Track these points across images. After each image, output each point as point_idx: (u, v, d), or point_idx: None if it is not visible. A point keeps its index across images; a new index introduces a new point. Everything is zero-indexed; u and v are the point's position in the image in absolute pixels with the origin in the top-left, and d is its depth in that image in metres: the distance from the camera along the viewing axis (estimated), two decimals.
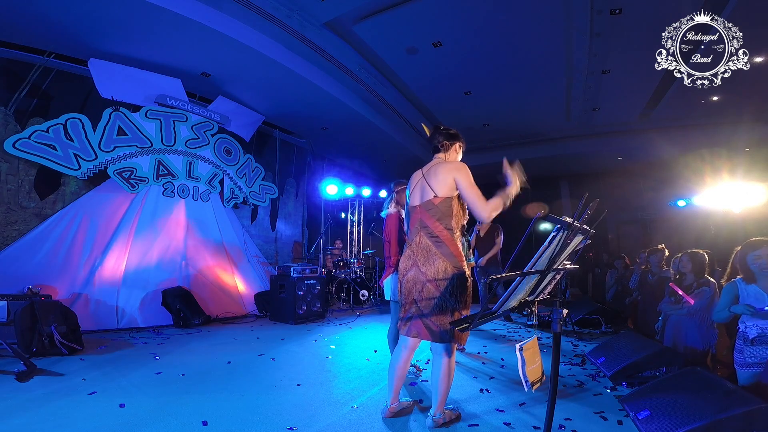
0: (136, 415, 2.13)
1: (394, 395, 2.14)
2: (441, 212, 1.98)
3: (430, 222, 2.00)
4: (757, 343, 2.23)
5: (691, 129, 7.26)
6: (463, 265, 1.97)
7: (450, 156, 2.16)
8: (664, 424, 1.83)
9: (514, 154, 9.17)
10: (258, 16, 4.35)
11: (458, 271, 1.95)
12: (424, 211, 2.02)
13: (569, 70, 5.55)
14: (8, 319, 3.34)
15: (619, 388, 2.68)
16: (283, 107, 6.38)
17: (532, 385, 1.39)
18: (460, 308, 1.95)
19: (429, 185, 2.02)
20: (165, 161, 5.33)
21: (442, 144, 2.16)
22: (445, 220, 1.98)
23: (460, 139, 2.20)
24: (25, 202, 4.38)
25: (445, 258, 1.95)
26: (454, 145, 2.17)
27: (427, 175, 2.06)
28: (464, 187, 1.94)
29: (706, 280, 3.10)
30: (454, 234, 2.00)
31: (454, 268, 1.95)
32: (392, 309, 2.86)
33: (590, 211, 1.38)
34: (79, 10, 3.89)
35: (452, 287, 1.92)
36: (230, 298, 5.64)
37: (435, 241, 1.98)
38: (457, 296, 1.93)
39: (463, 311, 1.95)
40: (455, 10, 4.30)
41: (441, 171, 2.00)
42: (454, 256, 1.96)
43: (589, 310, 4.85)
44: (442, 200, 1.98)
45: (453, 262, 1.95)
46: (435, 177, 2.01)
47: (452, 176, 1.96)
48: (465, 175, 1.96)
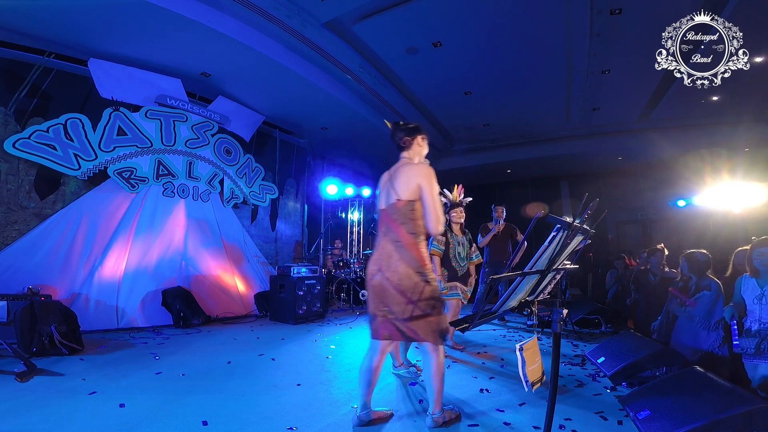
0: (136, 415, 2.13)
1: (364, 402, 2.05)
2: (404, 216, 1.93)
3: (393, 226, 1.96)
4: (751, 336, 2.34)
5: (691, 129, 7.25)
6: (426, 269, 1.93)
7: (414, 151, 2.10)
8: (664, 424, 1.83)
9: (514, 154, 9.24)
10: (258, 16, 4.34)
11: (422, 276, 1.91)
12: (389, 215, 1.98)
13: (569, 70, 5.54)
14: (8, 319, 3.34)
15: (619, 388, 2.68)
16: (283, 107, 6.38)
17: (532, 385, 1.39)
18: (432, 312, 1.91)
19: (393, 188, 1.97)
20: (165, 161, 5.33)
21: (404, 141, 2.10)
22: (408, 224, 1.93)
23: (420, 132, 2.13)
24: (25, 202, 4.37)
25: (407, 263, 1.91)
26: (416, 139, 2.10)
27: (392, 177, 2.02)
28: (427, 195, 1.91)
29: (707, 283, 3.06)
30: (417, 238, 1.95)
31: (417, 273, 1.91)
32: None
33: (590, 211, 1.38)
34: (79, 10, 3.89)
35: (418, 292, 1.89)
36: (230, 298, 5.64)
37: (397, 246, 1.94)
38: (425, 301, 1.89)
39: (435, 315, 1.92)
40: (455, 10, 4.29)
41: (405, 173, 1.96)
42: (416, 261, 1.92)
43: (589, 310, 4.85)
44: (405, 203, 1.93)
45: (415, 267, 1.91)
46: (398, 179, 1.97)
47: (417, 181, 1.92)
48: (429, 183, 1.92)
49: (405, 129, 2.11)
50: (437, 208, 1.90)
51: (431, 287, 1.92)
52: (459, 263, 3.81)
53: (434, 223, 1.89)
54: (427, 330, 1.91)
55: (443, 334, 1.95)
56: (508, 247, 5.35)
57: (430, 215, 1.89)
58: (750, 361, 2.38)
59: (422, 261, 1.93)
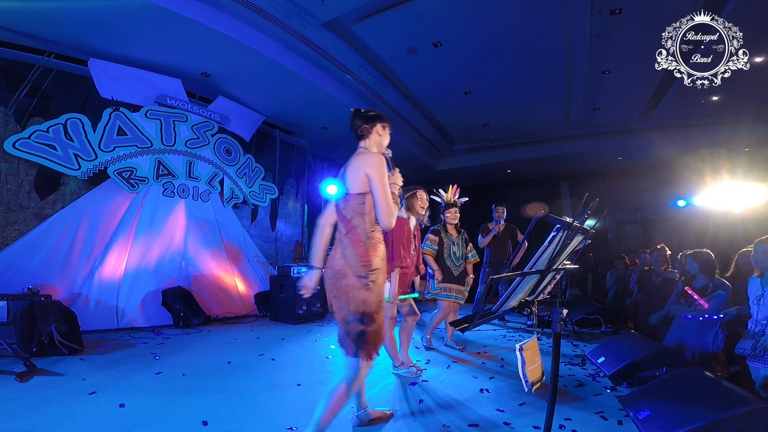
0: (136, 415, 2.13)
1: (358, 402, 2.07)
2: (353, 210, 1.75)
3: (344, 222, 1.79)
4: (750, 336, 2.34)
5: (691, 129, 7.25)
6: (368, 272, 1.69)
7: (372, 140, 1.91)
8: (664, 424, 1.83)
9: (514, 154, 9.22)
10: (258, 16, 4.34)
11: (361, 279, 1.68)
12: (339, 210, 1.82)
13: (569, 70, 5.54)
14: (8, 319, 3.34)
15: (619, 388, 2.68)
16: (283, 107, 6.38)
17: (532, 385, 1.39)
18: (364, 323, 1.67)
19: (344, 180, 1.81)
20: (165, 161, 5.32)
21: (362, 129, 1.91)
22: (357, 219, 1.74)
23: (381, 120, 1.94)
24: (25, 202, 4.37)
25: (347, 261, 1.71)
26: (375, 128, 1.91)
27: (345, 168, 1.83)
28: (375, 185, 1.71)
29: (721, 283, 3.03)
30: (366, 235, 1.74)
31: (356, 274, 1.69)
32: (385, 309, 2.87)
33: (590, 211, 1.38)
34: (79, 10, 3.89)
35: (353, 297, 1.67)
36: (230, 298, 5.64)
37: (343, 243, 1.76)
38: (357, 307, 1.67)
39: (367, 327, 1.67)
40: (455, 10, 4.29)
41: (354, 164, 1.79)
42: (357, 260, 1.70)
43: (589, 310, 4.85)
44: (354, 197, 1.75)
45: (354, 267, 1.70)
46: (348, 171, 1.79)
47: (364, 171, 1.73)
48: (378, 172, 1.72)
49: (364, 116, 1.92)
50: (388, 200, 1.71)
51: (371, 294, 1.69)
52: (454, 263, 3.81)
53: (385, 217, 1.70)
54: (351, 341, 1.68)
55: (368, 351, 1.68)
56: (509, 247, 5.35)
57: (381, 208, 1.71)
58: (752, 363, 2.38)
59: (365, 261, 1.70)
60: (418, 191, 3.07)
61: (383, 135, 1.94)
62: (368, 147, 1.91)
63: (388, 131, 1.97)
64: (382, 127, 1.93)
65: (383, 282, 1.79)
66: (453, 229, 3.92)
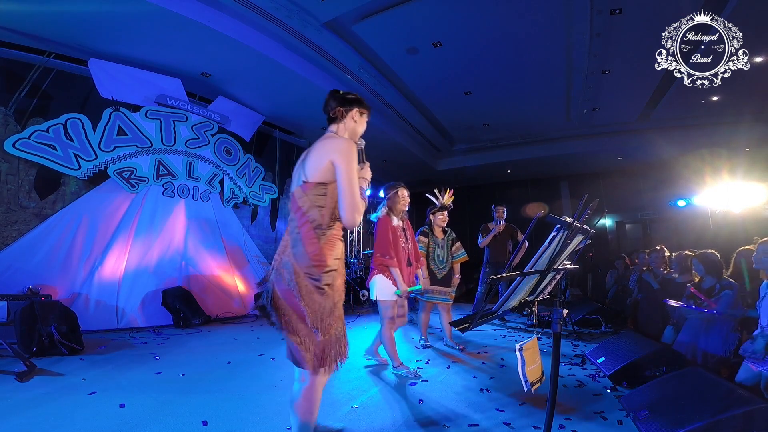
0: (136, 415, 2.13)
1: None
2: (311, 202, 1.51)
3: (298, 214, 1.54)
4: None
5: (691, 129, 7.25)
6: (320, 272, 1.47)
7: (345, 126, 1.68)
8: (664, 424, 1.83)
9: (514, 154, 9.22)
10: (258, 16, 4.35)
11: (312, 279, 1.46)
12: (295, 200, 1.57)
13: (569, 70, 5.54)
14: (8, 319, 3.34)
15: (619, 388, 2.68)
16: (283, 107, 6.38)
17: (532, 385, 1.39)
18: (316, 332, 1.46)
19: (303, 167, 1.56)
20: (165, 161, 5.33)
21: (335, 111, 1.67)
22: (314, 212, 1.50)
23: (360, 105, 1.72)
24: (25, 202, 4.37)
25: (296, 260, 1.48)
26: (351, 112, 1.68)
27: (307, 154, 1.60)
28: (342, 175, 1.46)
29: (728, 283, 3.01)
30: (321, 231, 1.50)
31: (307, 274, 1.46)
32: (379, 309, 2.90)
33: (590, 211, 1.38)
34: (79, 10, 3.89)
35: (303, 300, 1.46)
36: (230, 298, 5.64)
37: (295, 238, 1.52)
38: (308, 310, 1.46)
39: (319, 334, 1.46)
40: (455, 10, 4.29)
41: (318, 149, 1.54)
42: (308, 258, 1.47)
43: (589, 310, 4.85)
44: (312, 186, 1.50)
45: (304, 267, 1.47)
46: (310, 156, 1.55)
47: (329, 158, 1.48)
48: (346, 160, 1.47)
49: (341, 98, 1.69)
50: (354, 194, 1.46)
51: (323, 299, 1.47)
52: (438, 266, 3.86)
53: (348, 212, 1.46)
54: (302, 350, 1.47)
55: (321, 364, 1.48)
56: (509, 247, 5.35)
57: (345, 202, 1.46)
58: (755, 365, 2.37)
59: (319, 261, 1.48)
60: (399, 189, 3.04)
61: (359, 122, 1.72)
62: (338, 132, 1.67)
63: (366, 119, 1.75)
64: (359, 113, 1.72)
65: (341, 286, 1.57)
66: (439, 231, 3.96)
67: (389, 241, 2.85)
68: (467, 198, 10.30)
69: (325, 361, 1.48)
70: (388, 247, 2.83)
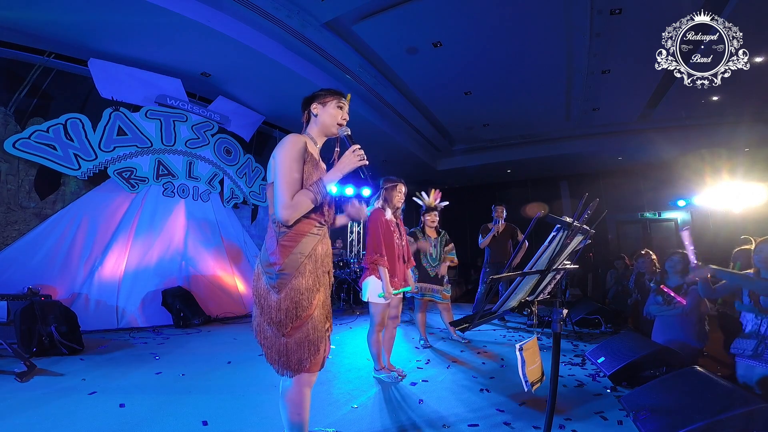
0: (136, 415, 2.13)
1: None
2: (270, 201, 1.50)
3: (268, 215, 1.56)
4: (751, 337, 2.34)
5: (691, 129, 7.26)
6: (276, 269, 1.44)
7: (315, 123, 1.66)
8: (664, 424, 1.83)
9: (514, 154, 9.22)
10: (258, 16, 4.35)
11: (269, 278, 1.44)
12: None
13: (569, 70, 5.55)
14: (8, 319, 3.34)
15: (619, 388, 2.68)
16: (283, 107, 6.38)
17: (532, 385, 1.39)
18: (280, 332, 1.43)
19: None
20: (165, 161, 5.33)
21: (304, 117, 1.69)
22: (273, 210, 1.48)
23: (318, 97, 1.68)
24: (25, 202, 4.38)
25: (259, 261, 1.51)
26: (312, 109, 1.67)
27: None
28: (278, 169, 1.43)
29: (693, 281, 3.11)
30: (279, 228, 1.48)
31: (265, 273, 1.46)
32: (370, 310, 2.84)
33: (590, 211, 1.38)
34: (79, 10, 3.89)
35: (265, 302, 1.45)
36: (230, 298, 5.64)
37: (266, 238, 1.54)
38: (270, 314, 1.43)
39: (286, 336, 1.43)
40: (455, 10, 4.29)
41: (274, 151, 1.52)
42: (266, 255, 1.47)
43: (589, 310, 4.85)
44: (269, 186, 1.50)
45: (264, 265, 1.47)
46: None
47: (273, 156, 1.48)
48: (282, 155, 1.44)
49: (303, 103, 1.71)
50: (282, 188, 1.41)
51: (279, 298, 1.43)
52: (430, 264, 3.99)
53: (278, 207, 1.41)
54: (272, 354, 1.46)
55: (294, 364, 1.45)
56: (509, 247, 5.35)
57: (277, 195, 1.42)
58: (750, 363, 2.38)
59: (274, 259, 1.44)
60: (398, 185, 3.03)
61: (322, 113, 1.64)
62: (309, 132, 1.66)
63: (332, 108, 1.65)
64: (319, 105, 1.66)
65: (308, 286, 1.47)
66: (432, 231, 4.03)
67: (380, 237, 2.78)
68: (467, 198, 10.31)
69: (291, 364, 1.44)
70: (379, 244, 2.76)
